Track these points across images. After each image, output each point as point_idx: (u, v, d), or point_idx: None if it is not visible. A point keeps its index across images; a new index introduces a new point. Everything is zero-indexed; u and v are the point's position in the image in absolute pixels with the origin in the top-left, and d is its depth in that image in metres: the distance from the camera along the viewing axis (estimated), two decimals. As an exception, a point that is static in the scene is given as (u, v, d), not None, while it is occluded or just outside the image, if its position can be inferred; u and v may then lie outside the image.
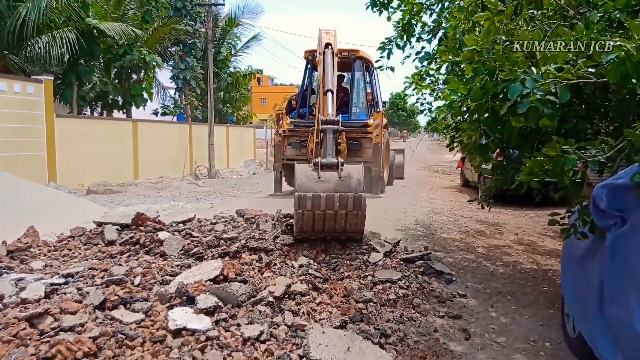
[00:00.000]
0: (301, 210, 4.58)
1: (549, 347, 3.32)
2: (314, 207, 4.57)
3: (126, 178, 14.56)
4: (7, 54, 13.41)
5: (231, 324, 2.97)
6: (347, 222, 4.68)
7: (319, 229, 4.74)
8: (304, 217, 4.60)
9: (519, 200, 9.49)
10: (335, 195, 4.59)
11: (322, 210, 4.58)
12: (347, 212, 4.61)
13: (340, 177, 4.72)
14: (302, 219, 4.62)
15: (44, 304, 3.16)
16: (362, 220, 4.72)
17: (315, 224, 4.67)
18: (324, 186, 4.65)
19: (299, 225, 4.71)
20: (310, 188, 4.62)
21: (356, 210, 4.63)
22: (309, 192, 4.60)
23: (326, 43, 6.46)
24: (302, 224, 4.67)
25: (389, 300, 3.76)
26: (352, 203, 4.60)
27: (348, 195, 4.61)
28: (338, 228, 4.72)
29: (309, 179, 4.71)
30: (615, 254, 2.35)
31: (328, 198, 4.58)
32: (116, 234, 5.06)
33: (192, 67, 20.70)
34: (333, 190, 4.63)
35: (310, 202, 4.56)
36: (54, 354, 2.47)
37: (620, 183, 2.35)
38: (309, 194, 4.60)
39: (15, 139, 11.21)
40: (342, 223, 4.68)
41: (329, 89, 5.82)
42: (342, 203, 4.58)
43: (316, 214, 4.59)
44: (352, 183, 4.69)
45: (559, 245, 6.04)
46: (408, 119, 70.92)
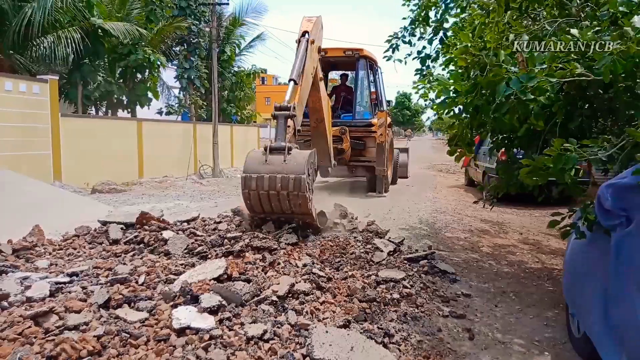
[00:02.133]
0: (247, 190, 4.94)
1: (553, 347, 3.31)
2: (258, 188, 4.87)
3: (131, 177, 14.61)
4: (12, 53, 13.47)
5: (235, 323, 2.98)
6: (291, 202, 4.92)
7: (269, 210, 5.06)
8: (250, 197, 4.96)
9: (524, 199, 9.45)
10: (278, 177, 4.85)
11: (265, 191, 4.87)
12: (288, 193, 4.84)
13: (285, 160, 4.95)
14: (249, 198, 4.99)
15: (48, 302, 3.17)
16: (304, 201, 4.91)
17: (262, 204, 5.00)
18: (269, 168, 4.92)
19: (248, 205, 5.10)
20: (255, 170, 4.93)
21: (296, 191, 4.84)
22: (254, 173, 4.90)
23: (304, 31, 6.34)
24: (251, 204, 5.05)
25: (392, 300, 3.75)
26: (293, 184, 4.82)
27: (289, 176, 4.83)
28: (285, 209, 4.99)
29: (256, 161, 5.01)
30: (620, 253, 2.33)
31: (271, 179, 4.85)
32: (121, 233, 5.08)
33: (196, 67, 20.71)
34: (276, 172, 4.88)
35: (255, 183, 4.87)
36: (58, 352, 2.48)
37: (626, 182, 2.33)
38: (254, 175, 4.91)
39: (20, 138, 11.27)
40: (287, 204, 4.93)
41: (292, 78, 5.85)
42: (283, 184, 4.84)
43: (261, 194, 4.90)
44: (295, 165, 4.91)
45: (563, 245, 6.01)
46: (412, 118, 70.81)
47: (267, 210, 5.07)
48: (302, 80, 5.96)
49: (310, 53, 6.30)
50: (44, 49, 13.41)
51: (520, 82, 2.61)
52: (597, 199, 2.44)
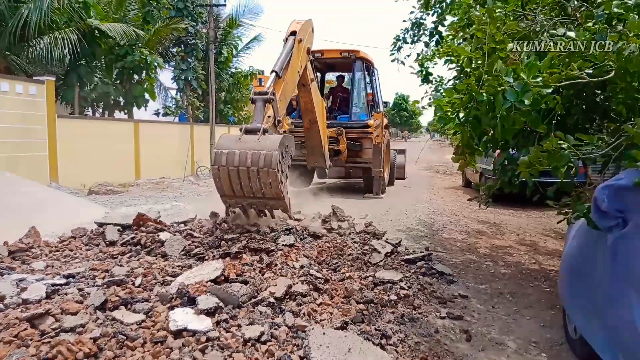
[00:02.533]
0: (217, 165, 4.86)
1: (550, 348, 3.32)
2: (229, 163, 4.80)
3: (128, 178, 14.57)
4: (9, 54, 13.42)
5: (232, 324, 2.97)
6: (261, 182, 4.81)
7: (239, 192, 4.94)
8: (220, 174, 4.87)
9: (520, 200, 9.48)
10: (249, 152, 4.79)
11: (235, 167, 4.80)
12: (258, 170, 4.75)
13: (259, 139, 4.91)
14: (219, 176, 4.89)
15: (45, 304, 3.16)
16: (274, 179, 4.79)
17: (232, 184, 4.89)
18: (242, 145, 4.88)
19: (218, 185, 4.98)
20: (228, 147, 4.90)
21: (267, 167, 4.74)
22: (226, 149, 4.86)
23: (292, 31, 6.48)
24: (221, 183, 4.93)
25: (390, 301, 3.75)
26: (264, 160, 4.74)
27: (261, 152, 4.77)
28: (255, 190, 4.87)
29: (230, 140, 5.00)
30: (616, 255, 2.34)
31: (241, 154, 4.80)
32: (117, 235, 5.06)
33: (193, 68, 20.69)
34: (249, 149, 4.84)
35: (225, 158, 4.83)
36: (54, 354, 2.47)
37: (622, 184, 2.34)
38: (225, 150, 4.86)
39: (17, 139, 11.22)
40: (257, 183, 4.82)
41: (274, 70, 5.93)
42: (254, 159, 4.76)
43: (231, 170, 4.81)
44: (268, 143, 4.85)
45: (560, 246, 6.02)
46: (410, 120, 70.94)
47: (238, 192, 4.94)
48: (286, 75, 6.03)
49: (297, 52, 6.38)
50: (40, 50, 13.36)
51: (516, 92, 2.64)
52: (593, 200, 2.45)
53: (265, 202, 5.03)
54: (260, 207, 5.13)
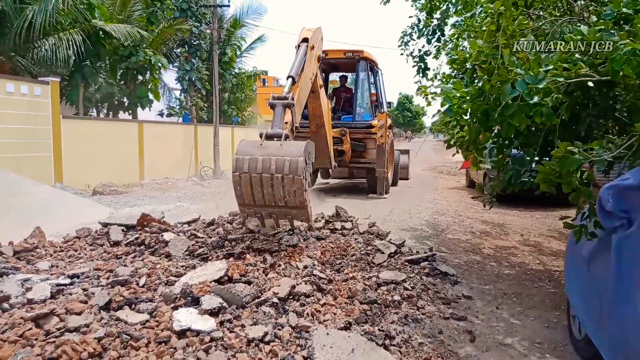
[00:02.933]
0: (238, 172, 4.56)
1: (554, 349, 3.30)
2: (251, 170, 4.53)
3: (132, 179, 14.61)
4: (14, 55, 13.49)
5: (235, 325, 2.97)
6: (285, 189, 4.55)
7: (260, 200, 4.65)
8: (241, 181, 4.56)
9: (524, 201, 9.45)
10: (273, 159, 4.55)
11: (258, 174, 4.52)
12: (283, 177, 4.51)
13: (281, 145, 4.70)
14: (239, 183, 4.58)
15: (49, 304, 3.17)
16: (299, 186, 4.55)
17: (254, 191, 4.59)
18: (264, 152, 4.64)
19: (238, 192, 4.66)
20: (249, 153, 4.64)
21: (292, 174, 4.50)
22: (247, 155, 4.61)
23: (304, 37, 6.47)
24: (241, 191, 4.62)
25: (393, 302, 3.75)
26: (289, 166, 4.51)
27: (285, 158, 4.54)
28: (278, 198, 4.61)
29: (251, 145, 4.75)
30: (621, 255, 2.33)
31: (265, 161, 4.55)
32: (121, 235, 5.08)
33: (197, 69, 20.74)
34: (272, 155, 4.59)
35: (247, 164, 4.55)
36: (59, 354, 2.48)
37: (627, 184, 2.33)
38: (247, 156, 4.60)
39: (22, 139, 11.28)
40: (281, 191, 4.56)
41: (290, 75, 5.86)
42: (278, 166, 4.51)
43: (253, 177, 4.53)
44: (292, 149, 4.63)
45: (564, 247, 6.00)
46: (413, 120, 70.86)
47: (258, 201, 4.66)
48: (300, 81, 5.97)
49: (310, 58, 6.35)
50: (45, 51, 13.42)
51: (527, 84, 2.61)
52: (598, 201, 2.44)
53: (286, 211, 4.75)
54: (281, 216, 4.86)
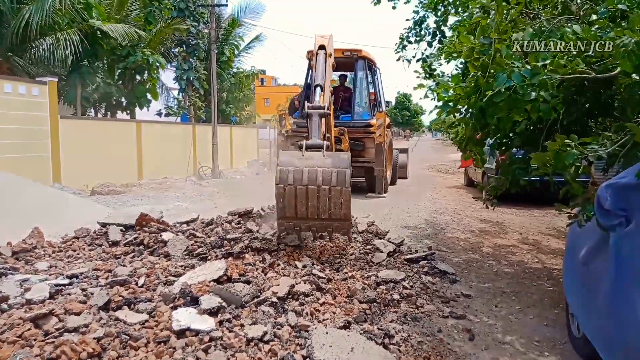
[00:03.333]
0: (282, 184, 4.37)
1: (553, 347, 3.31)
2: (296, 182, 4.36)
3: (130, 179, 14.59)
4: (11, 55, 13.46)
5: (235, 324, 2.98)
6: (332, 201, 4.40)
7: (303, 213, 4.46)
8: (285, 193, 4.38)
9: (523, 199, 9.46)
10: (318, 170, 4.40)
11: (304, 185, 4.35)
12: (330, 188, 4.36)
13: (324, 155, 4.57)
14: (283, 195, 4.38)
15: (48, 304, 3.17)
16: (346, 199, 4.43)
17: (297, 204, 4.41)
18: (308, 162, 4.48)
19: (280, 206, 4.45)
20: (292, 164, 4.46)
21: (340, 186, 4.38)
22: (291, 166, 4.42)
23: (320, 45, 6.53)
24: (284, 204, 4.42)
25: (392, 301, 3.75)
26: (336, 178, 4.38)
27: (332, 170, 4.41)
28: (322, 211, 4.43)
29: (293, 157, 4.58)
30: (620, 253, 2.33)
31: (310, 172, 4.38)
32: (120, 235, 5.08)
33: (195, 68, 20.72)
34: (317, 166, 4.44)
35: (292, 176, 4.37)
36: (58, 354, 2.48)
37: (625, 182, 2.33)
38: (291, 167, 4.41)
39: (19, 140, 11.25)
40: (326, 203, 4.39)
41: (318, 83, 5.87)
42: (325, 178, 4.36)
43: (298, 189, 4.36)
44: (337, 160, 4.52)
45: (563, 245, 6.01)
46: (412, 119, 70.88)
47: (301, 213, 4.47)
48: (325, 89, 5.98)
49: (329, 66, 6.37)
50: (42, 50, 13.39)
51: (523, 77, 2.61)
52: (596, 199, 2.44)
53: (328, 224, 4.57)
54: (321, 229, 4.68)
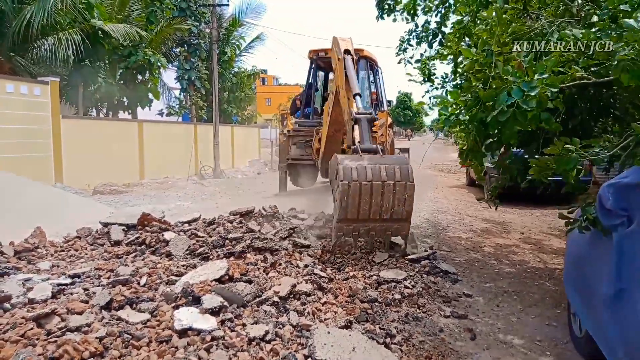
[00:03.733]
0: (347, 181, 4.35)
1: (555, 347, 3.31)
2: (360, 177, 4.36)
3: (132, 178, 14.61)
4: (13, 55, 13.48)
5: (237, 324, 2.98)
6: (396, 197, 4.38)
7: (364, 213, 4.42)
8: (350, 189, 4.32)
9: (525, 199, 9.45)
10: (381, 166, 4.42)
11: (368, 181, 4.34)
12: (395, 183, 4.37)
13: (382, 156, 4.64)
14: (347, 192, 4.32)
15: (51, 304, 3.18)
16: (410, 194, 4.45)
17: (361, 202, 4.37)
18: (369, 161, 4.52)
19: (343, 204, 4.37)
20: (354, 162, 4.48)
21: (404, 181, 4.40)
22: (354, 162, 4.43)
23: (345, 49, 6.61)
24: (348, 202, 4.35)
25: (394, 300, 3.75)
26: (400, 173, 4.40)
27: (394, 166, 4.44)
28: (385, 210, 4.40)
29: (351, 158, 4.61)
30: (621, 253, 2.33)
31: (374, 168, 4.40)
32: (122, 234, 5.09)
33: (196, 68, 20.76)
34: (378, 163, 4.48)
35: (356, 172, 4.37)
36: (61, 353, 2.49)
37: (627, 182, 2.33)
38: (355, 163, 4.42)
39: (21, 140, 11.27)
40: (390, 200, 4.37)
41: (357, 93, 6.01)
42: (388, 173, 4.39)
43: (363, 185, 4.34)
44: (396, 158, 4.59)
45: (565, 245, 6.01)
46: (413, 118, 70.82)
47: (363, 214, 4.43)
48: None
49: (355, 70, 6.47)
50: (44, 50, 13.41)
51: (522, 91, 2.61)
52: (598, 199, 2.44)
53: (388, 225, 4.57)
54: (380, 233, 4.66)
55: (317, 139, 9.62)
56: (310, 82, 10.82)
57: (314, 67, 10.65)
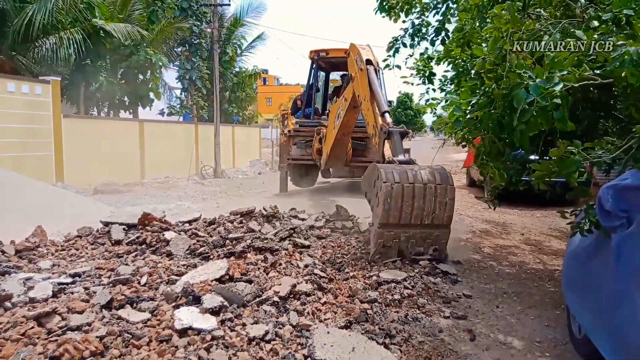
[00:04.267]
0: (389, 182, 4.38)
1: (554, 348, 3.31)
2: (402, 180, 4.42)
3: (133, 178, 14.63)
4: (14, 54, 13.50)
5: (237, 323, 2.99)
6: (437, 200, 4.43)
7: (406, 217, 4.44)
8: (393, 191, 4.35)
9: (525, 200, 9.45)
10: (422, 171, 4.55)
11: (411, 183, 4.41)
12: (436, 186, 4.45)
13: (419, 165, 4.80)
14: (390, 194, 4.34)
15: (51, 303, 3.19)
16: (452, 197, 4.50)
17: (403, 204, 4.39)
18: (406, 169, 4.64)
19: (386, 207, 4.38)
20: (392, 168, 4.62)
21: (445, 184, 4.48)
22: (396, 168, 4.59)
23: (367, 59, 6.63)
24: (390, 205, 4.36)
25: (394, 301, 3.76)
26: (440, 176, 4.51)
27: (433, 170, 4.60)
28: (427, 214, 4.44)
29: (389, 166, 4.76)
30: (621, 254, 2.33)
31: (415, 172, 4.52)
32: (123, 234, 5.10)
33: (198, 67, 20.79)
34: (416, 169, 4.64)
35: (398, 175, 4.45)
36: (61, 352, 2.50)
37: (626, 184, 2.33)
38: (397, 168, 4.57)
39: (23, 139, 11.30)
40: (432, 203, 4.42)
41: (386, 110, 6.12)
42: (430, 177, 4.50)
43: (406, 187, 4.39)
44: (434, 166, 4.75)
45: (565, 246, 6.01)
46: (414, 118, 70.80)
47: (404, 218, 4.44)
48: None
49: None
50: (45, 50, 13.44)
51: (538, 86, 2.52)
52: (597, 200, 2.45)
53: (429, 233, 4.58)
54: (420, 241, 4.62)
55: (318, 139, 9.62)
56: (311, 83, 10.83)
57: (315, 67, 10.66)
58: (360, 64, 6.67)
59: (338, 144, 8.52)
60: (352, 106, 7.37)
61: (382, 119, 5.96)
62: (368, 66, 6.53)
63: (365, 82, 6.47)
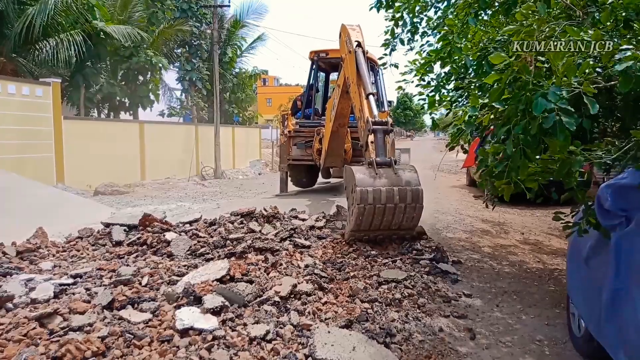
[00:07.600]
0: (363, 204, 4.75)
1: (554, 347, 3.32)
2: (375, 201, 4.77)
3: (133, 179, 14.65)
4: (15, 56, 13.53)
5: (237, 323, 3.00)
6: (405, 216, 4.91)
7: (376, 226, 4.93)
8: (365, 211, 4.78)
9: (525, 199, 9.47)
10: (395, 189, 4.84)
11: (382, 204, 4.79)
12: (406, 206, 4.85)
13: (396, 173, 4.99)
14: (362, 213, 4.78)
15: (53, 304, 3.20)
16: (419, 213, 4.98)
17: (374, 219, 4.85)
18: (383, 182, 4.90)
19: (357, 222, 4.84)
20: (370, 183, 4.85)
21: (414, 203, 4.88)
22: (370, 187, 4.82)
23: (356, 41, 6.46)
24: (362, 220, 4.82)
25: (394, 300, 3.77)
26: (411, 196, 4.86)
27: (407, 188, 4.88)
28: (394, 224, 4.94)
29: (367, 175, 4.95)
30: (620, 253, 2.35)
31: (388, 192, 4.82)
32: (124, 235, 5.11)
33: (198, 69, 20.82)
34: (392, 185, 4.88)
35: (372, 196, 4.78)
36: (63, 353, 2.51)
37: (625, 183, 2.35)
38: (370, 188, 4.81)
39: (23, 140, 11.32)
40: (400, 217, 4.90)
41: (371, 92, 5.96)
42: (401, 196, 4.84)
43: (377, 207, 4.78)
44: (410, 178, 4.99)
45: (565, 245, 6.02)
46: (414, 119, 70.82)
47: (374, 226, 4.94)
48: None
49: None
50: (46, 52, 13.47)
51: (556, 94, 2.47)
52: (596, 199, 2.46)
53: (395, 232, 5.14)
54: (387, 238, 5.20)
55: (318, 139, 9.63)
56: (311, 83, 10.84)
57: (315, 68, 10.67)
58: (350, 46, 6.52)
59: (334, 137, 8.44)
60: (345, 91, 7.22)
61: (366, 104, 5.85)
62: (357, 49, 6.39)
63: (353, 64, 6.34)
